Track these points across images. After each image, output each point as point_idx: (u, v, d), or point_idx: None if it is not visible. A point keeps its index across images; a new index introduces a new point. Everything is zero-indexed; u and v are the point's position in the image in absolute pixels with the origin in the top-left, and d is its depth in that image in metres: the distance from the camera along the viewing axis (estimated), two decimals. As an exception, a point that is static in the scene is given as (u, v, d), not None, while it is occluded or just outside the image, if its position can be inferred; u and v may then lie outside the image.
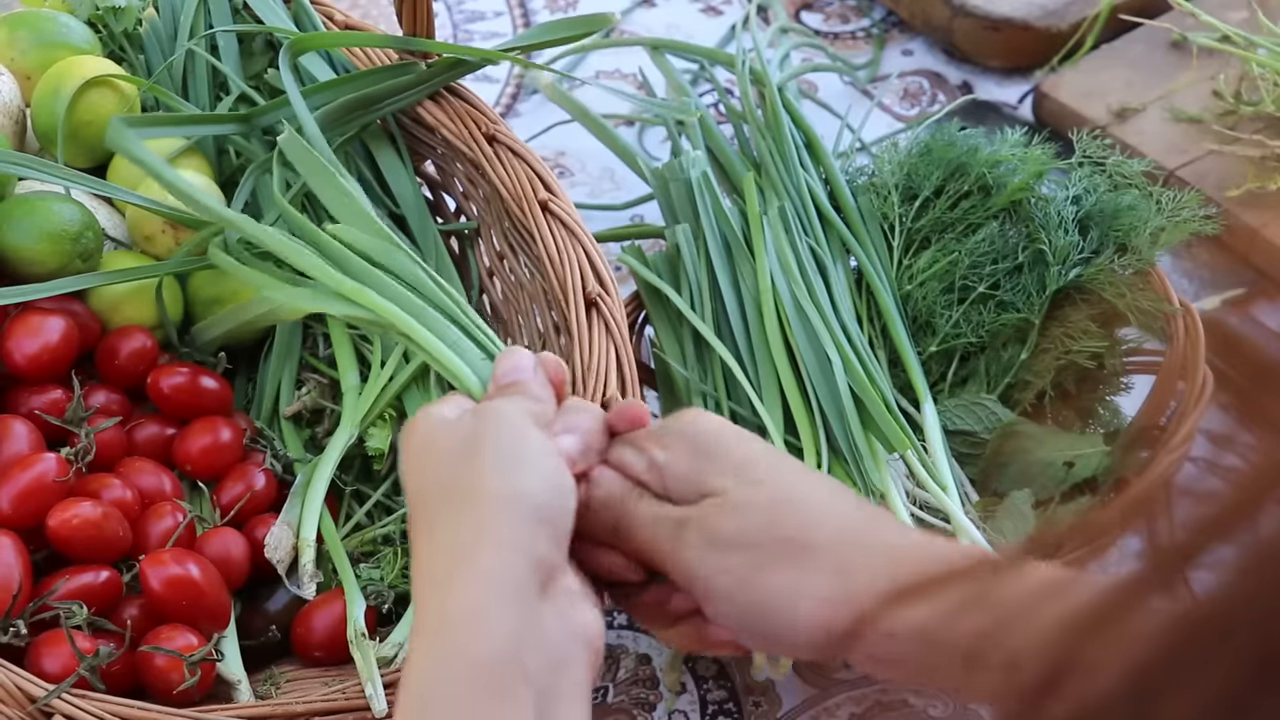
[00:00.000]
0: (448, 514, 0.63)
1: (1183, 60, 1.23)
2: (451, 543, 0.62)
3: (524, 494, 0.63)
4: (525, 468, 0.64)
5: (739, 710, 0.93)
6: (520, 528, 0.62)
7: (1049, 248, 0.99)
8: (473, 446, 0.65)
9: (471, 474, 0.64)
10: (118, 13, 1.05)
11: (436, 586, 0.62)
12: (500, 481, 0.63)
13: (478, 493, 0.63)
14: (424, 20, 0.97)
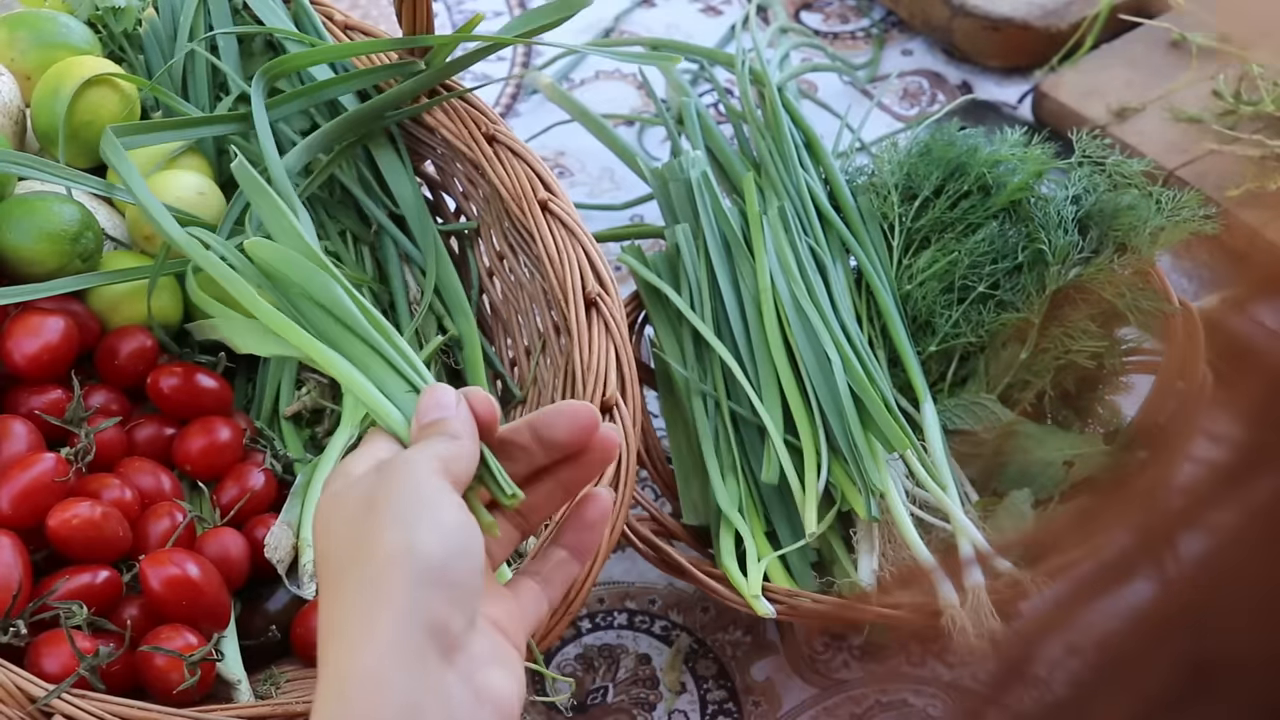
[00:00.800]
0: (348, 576, 0.61)
1: (1182, 60, 1.23)
2: (350, 607, 0.60)
3: (419, 555, 0.60)
4: (422, 526, 0.61)
5: (739, 710, 0.93)
6: (415, 591, 0.59)
7: (1049, 247, 0.99)
8: (373, 503, 0.62)
9: (369, 533, 0.61)
10: (117, 13, 1.05)
11: (336, 651, 0.60)
12: (395, 541, 0.60)
13: (374, 554, 0.60)
14: (424, 20, 0.97)
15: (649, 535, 0.91)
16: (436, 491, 0.63)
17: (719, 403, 0.96)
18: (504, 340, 1.00)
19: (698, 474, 0.96)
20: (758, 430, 0.95)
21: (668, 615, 0.98)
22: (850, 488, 0.91)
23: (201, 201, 0.96)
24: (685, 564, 0.90)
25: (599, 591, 0.99)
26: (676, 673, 0.95)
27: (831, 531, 0.92)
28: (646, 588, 1.00)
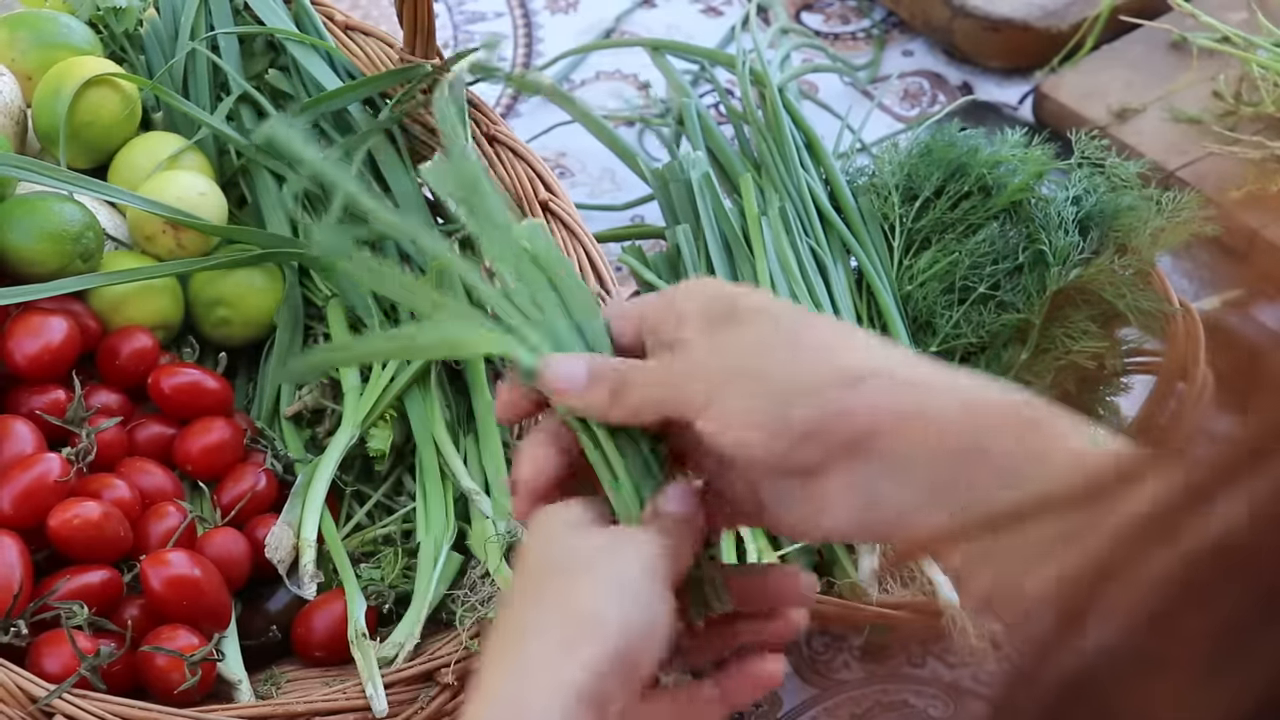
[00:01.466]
0: (548, 613, 0.60)
1: (1182, 61, 1.23)
2: (538, 645, 0.59)
3: (626, 627, 0.58)
4: (629, 604, 0.59)
5: (739, 710, 0.93)
6: (606, 658, 0.58)
7: (1049, 248, 0.99)
8: (592, 564, 0.60)
9: (583, 586, 0.60)
10: (119, 13, 1.05)
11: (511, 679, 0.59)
12: (608, 607, 0.59)
13: (583, 607, 0.59)
14: (425, 21, 0.97)
15: (649, 535, 0.91)
16: (652, 581, 0.60)
17: (719, 403, 0.96)
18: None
19: (698, 474, 0.96)
20: (758, 431, 0.95)
21: (668, 615, 0.98)
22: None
23: (203, 202, 0.96)
24: (686, 564, 0.90)
25: (599, 592, 0.99)
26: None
27: (832, 532, 0.92)
28: (647, 588, 1.00)
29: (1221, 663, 0.30)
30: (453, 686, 0.77)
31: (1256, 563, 0.31)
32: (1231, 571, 0.31)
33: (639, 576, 0.61)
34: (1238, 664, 0.30)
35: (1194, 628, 0.31)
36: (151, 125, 1.03)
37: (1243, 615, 0.30)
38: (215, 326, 0.97)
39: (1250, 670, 0.30)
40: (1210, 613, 0.31)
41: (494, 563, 0.81)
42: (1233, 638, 0.30)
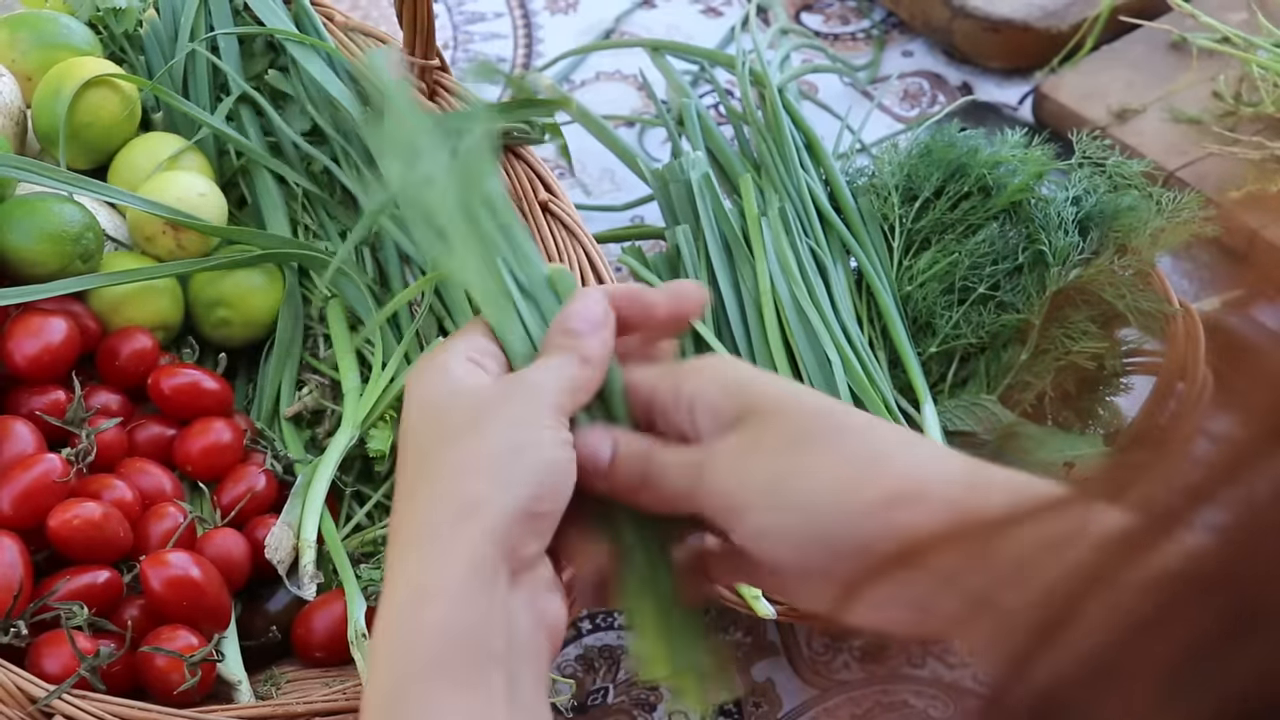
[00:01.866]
0: (434, 485, 0.61)
1: (1182, 61, 1.24)
2: (432, 517, 0.60)
3: (515, 498, 0.59)
4: (523, 469, 0.60)
5: (739, 710, 0.93)
6: (505, 521, 0.59)
7: (1049, 248, 0.99)
8: (476, 425, 0.61)
9: (469, 460, 0.60)
10: (118, 14, 1.05)
11: (412, 562, 0.60)
12: (492, 483, 0.60)
13: (468, 484, 0.60)
14: (424, 22, 0.97)
15: (649, 536, 0.91)
16: (549, 429, 0.61)
17: (719, 404, 0.97)
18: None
19: (698, 475, 0.96)
20: (758, 431, 0.95)
21: (668, 616, 0.98)
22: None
23: (203, 202, 0.96)
24: (686, 565, 0.90)
25: (599, 592, 0.99)
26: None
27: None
28: (647, 588, 1.00)
29: (1183, 683, 0.30)
30: (453, 687, 0.77)
31: (1222, 585, 0.31)
32: (1197, 593, 0.31)
33: (535, 435, 0.60)
34: (1199, 684, 0.30)
35: (1159, 648, 0.31)
36: (151, 126, 1.03)
37: (1206, 636, 0.30)
38: (215, 327, 0.97)
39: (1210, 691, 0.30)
40: (1175, 634, 0.31)
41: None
42: (1196, 658, 0.30)
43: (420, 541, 0.60)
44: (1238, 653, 0.30)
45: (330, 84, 1.01)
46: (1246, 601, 0.30)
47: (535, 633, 0.60)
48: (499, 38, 1.37)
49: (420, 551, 0.60)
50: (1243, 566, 0.31)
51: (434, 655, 0.57)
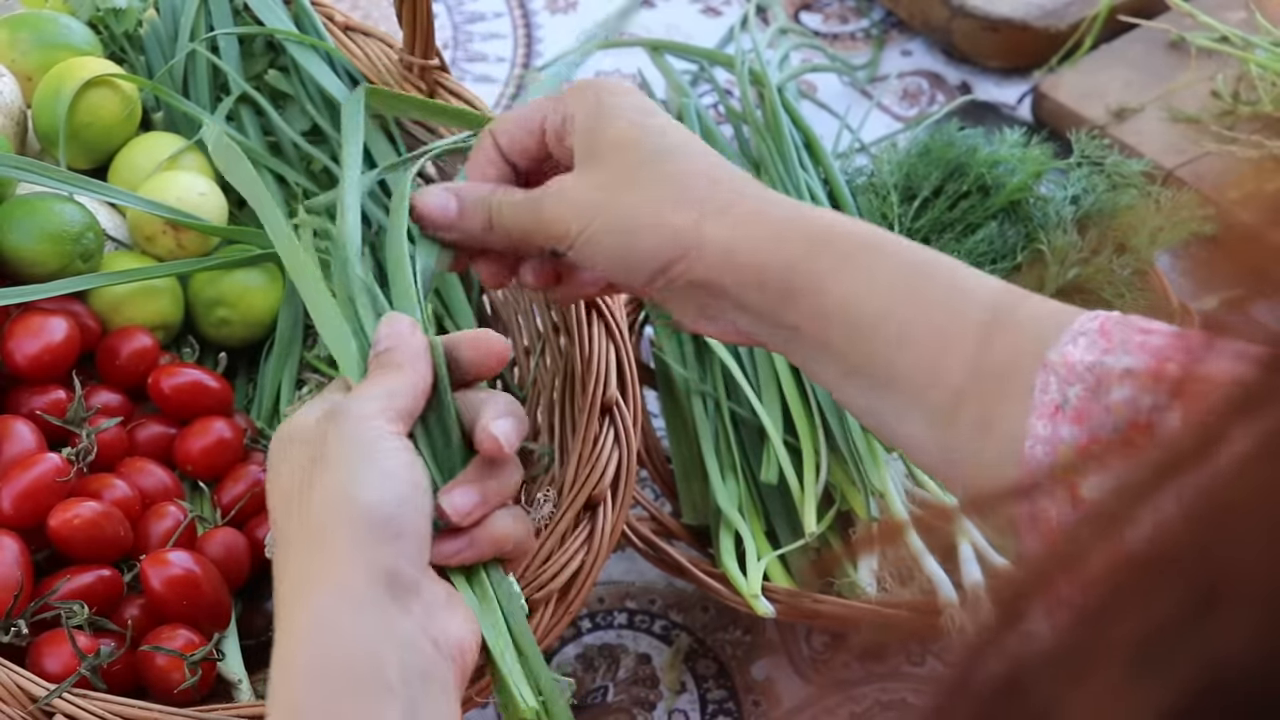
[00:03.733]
0: (297, 530, 0.62)
1: (1181, 61, 1.24)
2: (299, 558, 0.62)
3: (361, 505, 0.61)
4: (368, 480, 0.62)
5: (739, 710, 0.94)
6: (364, 546, 0.61)
7: (1048, 247, 0.99)
8: (318, 458, 0.63)
9: (316, 489, 0.62)
10: (119, 14, 1.05)
11: (289, 600, 0.62)
12: (336, 493, 0.62)
13: (315, 507, 0.62)
14: (424, 22, 0.97)
15: (649, 535, 0.91)
16: (378, 437, 0.63)
17: (719, 403, 0.97)
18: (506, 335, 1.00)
19: (698, 474, 0.96)
20: (757, 430, 0.95)
21: (668, 615, 0.98)
22: (850, 488, 0.91)
23: (203, 202, 0.96)
24: (685, 563, 0.90)
25: (599, 591, 1.00)
26: (676, 672, 0.95)
27: (831, 531, 0.92)
28: (646, 587, 1.00)
29: (1146, 665, 0.30)
30: (453, 686, 0.77)
31: (1185, 564, 0.31)
32: (1159, 573, 0.32)
33: (366, 445, 0.64)
34: (1162, 666, 0.30)
35: (1122, 630, 0.31)
36: (151, 125, 1.03)
37: (1168, 617, 0.31)
38: (215, 326, 0.97)
39: (1175, 671, 0.30)
40: (1137, 615, 0.31)
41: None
42: (1158, 640, 0.31)
43: (292, 581, 0.62)
44: (1200, 633, 0.30)
45: (330, 84, 1.01)
46: (1207, 581, 0.30)
47: (435, 655, 0.61)
48: (499, 38, 1.37)
49: (291, 590, 0.62)
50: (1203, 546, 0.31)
51: (324, 683, 0.59)
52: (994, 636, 0.34)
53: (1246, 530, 0.30)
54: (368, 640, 0.59)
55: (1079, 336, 0.62)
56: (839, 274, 0.68)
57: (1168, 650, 0.30)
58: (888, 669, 0.95)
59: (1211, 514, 0.31)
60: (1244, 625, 0.29)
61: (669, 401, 1.00)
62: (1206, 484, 0.31)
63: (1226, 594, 0.30)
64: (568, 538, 0.81)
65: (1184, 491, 0.32)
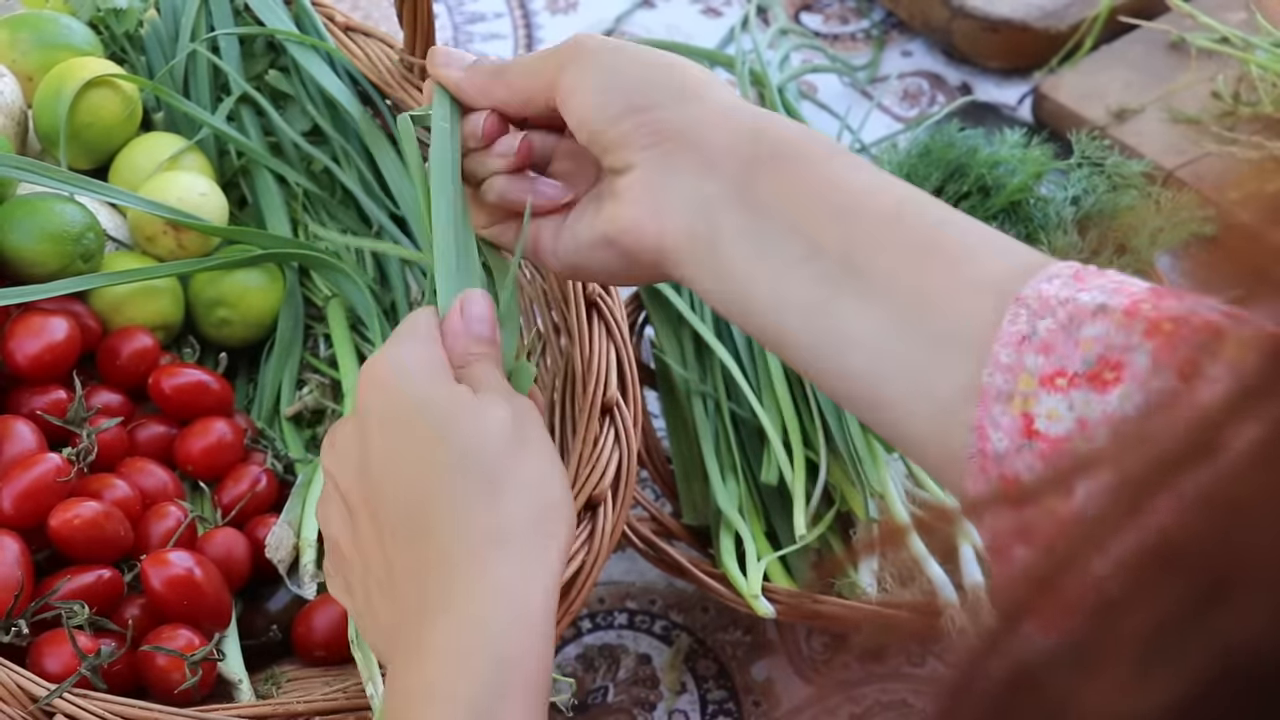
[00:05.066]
0: (516, 500, 0.62)
1: (1181, 61, 1.24)
2: (522, 528, 0.61)
3: (568, 534, 0.63)
4: (568, 512, 0.63)
5: (739, 710, 0.94)
6: (564, 560, 0.62)
7: (1048, 248, 0.99)
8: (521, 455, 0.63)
9: (537, 487, 0.62)
10: (119, 14, 1.05)
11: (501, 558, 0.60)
12: (561, 512, 0.63)
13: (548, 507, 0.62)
14: (424, 22, 0.97)
15: (649, 535, 0.91)
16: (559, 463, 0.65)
17: (719, 404, 0.97)
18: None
19: (698, 474, 0.96)
20: (758, 431, 0.95)
21: (668, 615, 0.98)
22: (850, 488, 0.91)
23: (204, 202, 0.96)
24: (685, 564, 0.90)
25: (599, 591, 1.00)
26: (676, 673, 0.95)
27: (831, 532, 0.92)
28: (647, 588, 1.00)
29: (1154, 658, 0.31)
30: (453, 686, 0.77)
31: (1189, 558, 0.31)
32: (1165, 567, 0.32)
33: (550, 443, 0.65)
34: (1169, 659, 0.30)
35: (1132, 622, 0.31)
36: (152, 126, 1.03)
37: (1179, 609, 0.31)
38: (216, 327, 0.97)
39: (1185, 662, 0.30)
40: (1148, 607, 0.31)
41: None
42: (1166, 633, 0.31)
43: (511, 553, 0.61)
44: (1212, 623, 0.30)
45: (330, 84, 1.01)
46: (1217, 571, 0.31)
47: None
48: (499, 38, 1.37)
49: (515, 564, 0.61)
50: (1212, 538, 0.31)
51: (538, 683, 0.59)
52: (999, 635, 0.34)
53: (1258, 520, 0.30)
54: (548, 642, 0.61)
55: (1054, 277, 0.62)
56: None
57: (1179, 641, 0.30)
58: (888, 670, 0.95)
59: (1221, 506, 0.31)
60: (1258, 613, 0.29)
61: (669, 402, 1.00)
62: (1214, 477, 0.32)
63: (1238, 583, 0.30)
64: (568, 538, 0.81)
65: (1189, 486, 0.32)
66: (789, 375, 0.96)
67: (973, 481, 0.60)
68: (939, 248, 0.64)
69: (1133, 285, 0.61)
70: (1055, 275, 0.62)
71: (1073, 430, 0.57)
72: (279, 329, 0.98)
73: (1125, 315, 0.58)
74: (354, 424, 0.65)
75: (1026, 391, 0.59)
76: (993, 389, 0.60)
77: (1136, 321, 0.58)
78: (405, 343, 0.66)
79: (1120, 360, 0.57)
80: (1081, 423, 0.57)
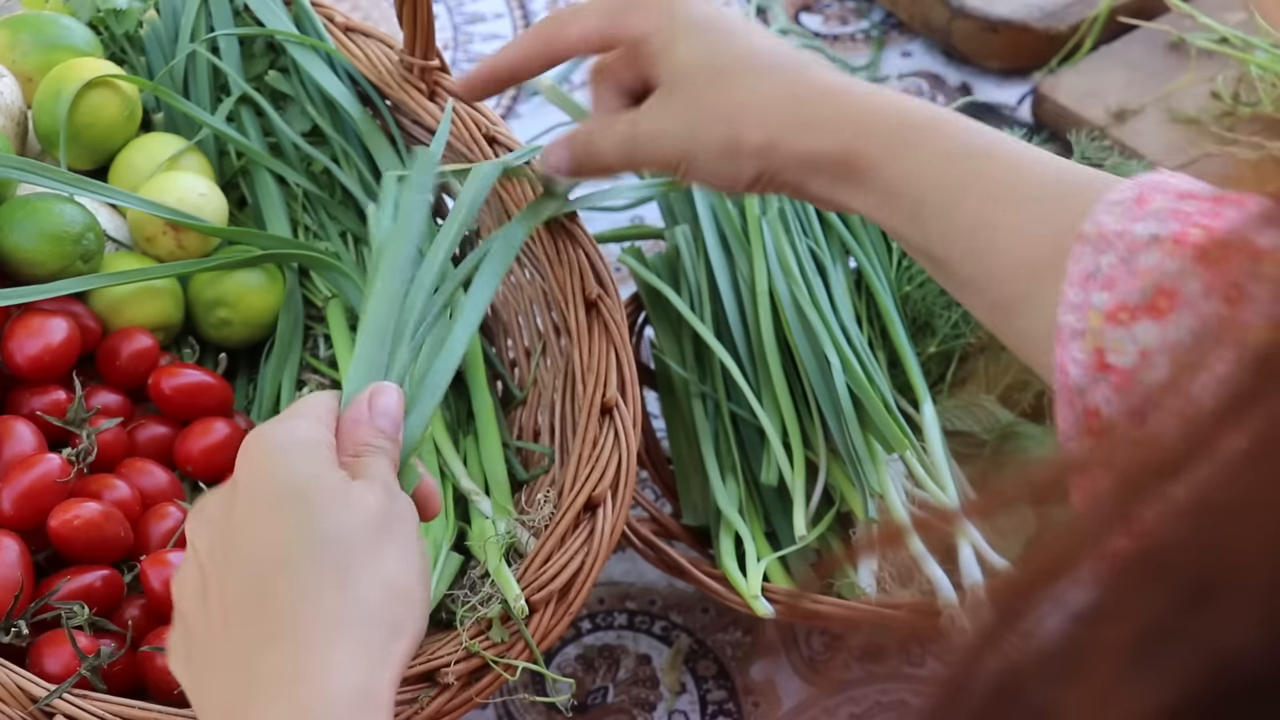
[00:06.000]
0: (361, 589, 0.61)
1: (1181, 62, 1.24)
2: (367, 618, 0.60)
3: (419, 624, 0.63)
4: (421, 600, 0.63)
5: (739, 710, 0.94)
6: (411, 651, 0.62)
7: (1048, 249, 0.99)
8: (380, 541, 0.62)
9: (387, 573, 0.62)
10: (119, 15, 1.05)
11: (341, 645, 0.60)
12: (409, 601, 0.62)
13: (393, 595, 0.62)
14: (424, 23, 0.98)
15: (649, 535, 0.91)
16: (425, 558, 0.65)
17: (719, 404, 0.97)
18: (504, 341, 1.00)
19: (698, 475, 0.96)
20: (757, 431, 0.95)
21: (668, 615, 0.98)
22: (849, 489, 0.91)
23: (203, 203, 0.96)
24: (685, 564, 0.90)
25: (599, 592, 1.00)
26: (676, 673, 0.95)
27: (831, 532, 0.92)
28: (646, 588, 1.00)
29: (1145, 661, 0.31)
30: (453, 686, 0.77)
31: (1175, 563, 0.31)
32: (1151, 572, 0.32)
33: (420, 561, 0.64)
34: (1160, 661, 0.30)
35: (1115, 630, 0.32)
36: (152, 126, 1.03)
37: (1165, 613, 0.31)
38: (215, 327, 0.97)
39: (1168, 670, 0.30)
40: (1134, 612, 0.31)
41: (494, 563, 0.81)
42: (1152, 638, 0.31)
43: (353, 641, 0.60)
44: (1199, 627, 0.30)
45: (330, 85, 1.01)
46: (1204, 576, 0.31)
47: None
48: (499, 38, 1.37)
49: (356, 653, 0.59)
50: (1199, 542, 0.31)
51: None
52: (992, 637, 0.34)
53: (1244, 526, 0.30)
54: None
55: (1114, 205, 0.64)
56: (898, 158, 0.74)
57: (1166, 645, 0.30)
58: (887, 670, 0.95)
59: (1208, 511, 0.31)
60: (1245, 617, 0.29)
61: (669, 402, 1.00)
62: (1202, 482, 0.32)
63: (1224, 588, 0.30)
64: (568, 538, 0.81)
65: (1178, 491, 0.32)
66: (789, 376, 0.96)
67: (1061, 415, 0.63)
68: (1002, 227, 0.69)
69: (1190, 203, 0.63)
70: (1116, 203, 0.64)
71: (1137, 362, 0.60)
72: (279, 329, 0.98)
73: (1175, 244, 0.61)
74: (224, 494, 0.65)
75: (1096, 328, 0.62)
76: (1067, 328, 0.63)
77: (1185, 249, 0.60)
78: (292, 420, 0.67)
79: (1174, 288, 0.60)
80: (1144, 353, 0.60)
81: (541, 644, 0.78)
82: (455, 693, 0.77)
